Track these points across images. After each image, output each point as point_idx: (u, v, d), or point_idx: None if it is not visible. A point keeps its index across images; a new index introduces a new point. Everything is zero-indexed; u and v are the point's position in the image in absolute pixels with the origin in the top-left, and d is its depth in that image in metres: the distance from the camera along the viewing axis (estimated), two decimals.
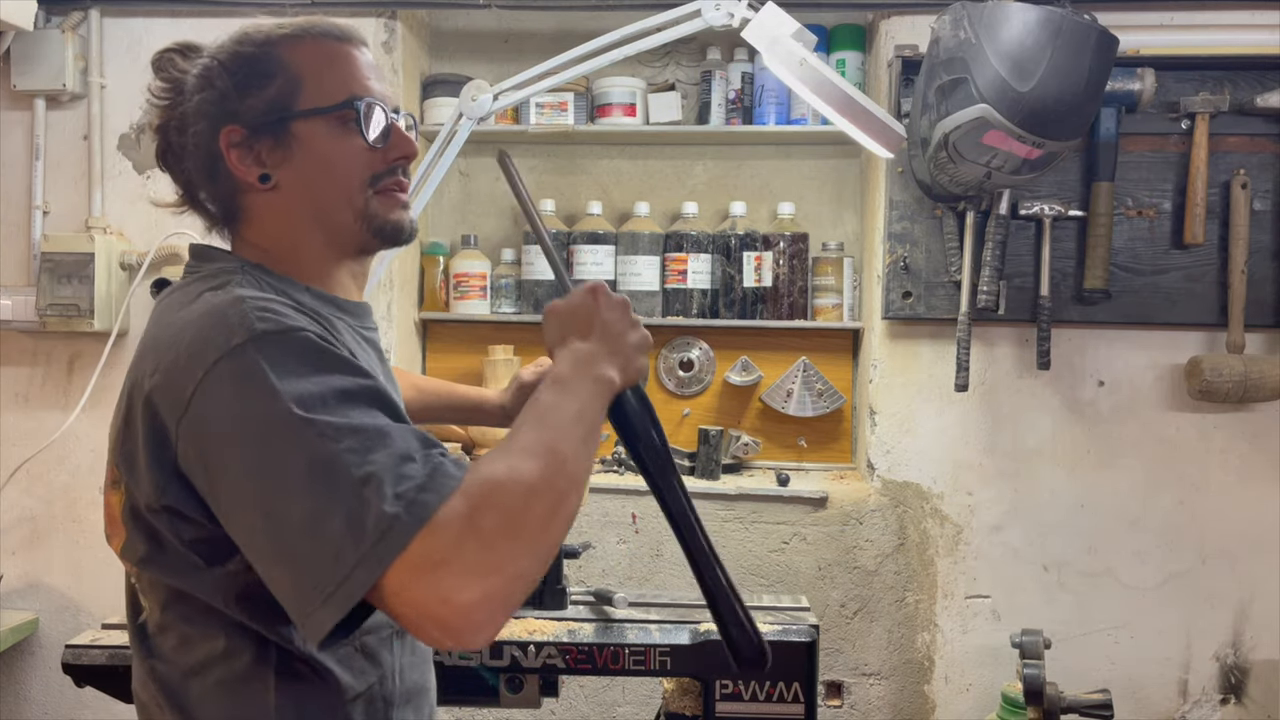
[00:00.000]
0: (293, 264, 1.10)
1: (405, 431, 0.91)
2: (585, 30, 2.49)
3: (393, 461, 0.86)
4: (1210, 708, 2.45)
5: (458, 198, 2.86)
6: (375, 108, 1.10)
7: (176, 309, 1.01)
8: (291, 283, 1.08)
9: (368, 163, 1.10)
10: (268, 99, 1.07)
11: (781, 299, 2.65)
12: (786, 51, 1.85)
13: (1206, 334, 2.41)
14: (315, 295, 1.09)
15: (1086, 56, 1.95)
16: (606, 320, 1.05)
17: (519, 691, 1.62)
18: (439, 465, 0.88)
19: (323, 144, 1.08)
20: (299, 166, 1.08)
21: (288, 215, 1.09)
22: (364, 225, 1.10)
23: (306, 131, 1.08)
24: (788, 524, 2.46)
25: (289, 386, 0.89)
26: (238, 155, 1.07)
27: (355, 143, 1.09)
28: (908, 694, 2.48)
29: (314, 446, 0.86)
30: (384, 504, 0.84)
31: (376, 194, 1.10)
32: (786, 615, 1.68)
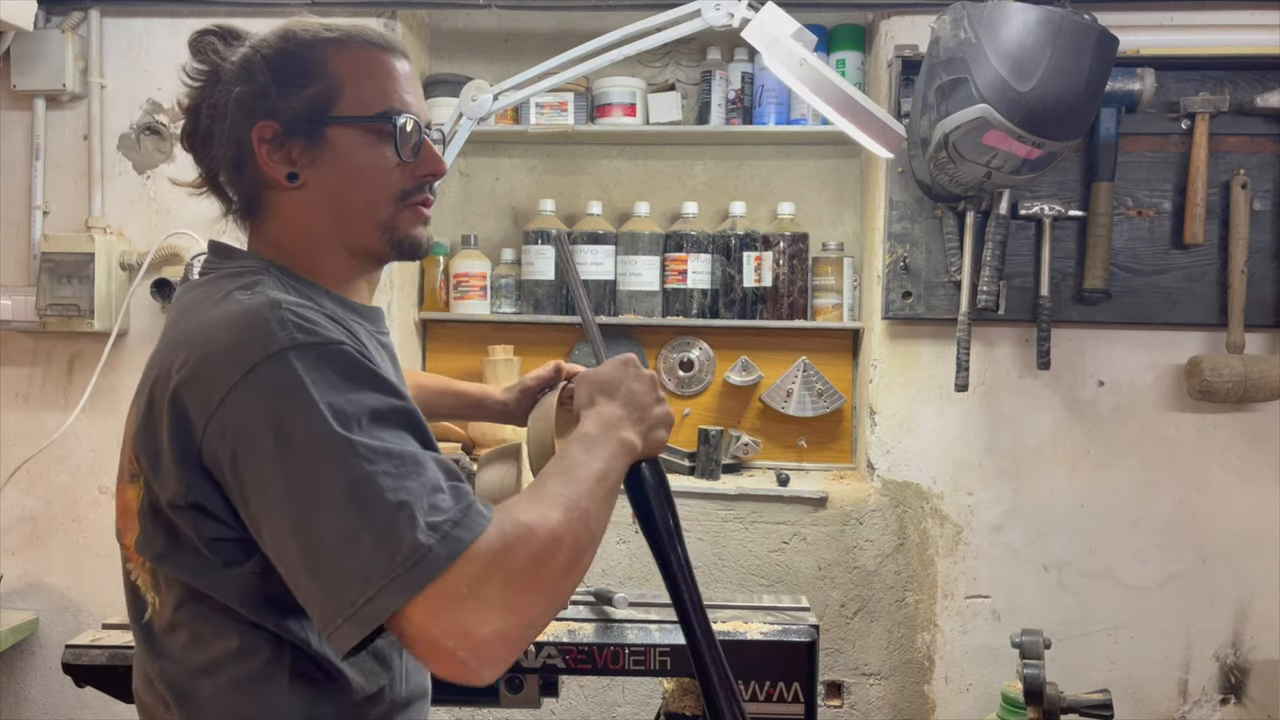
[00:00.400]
0: (311, 266, 1.11)
1: (435, 460, 0.93)
2: (585, 30, 2.49)
3: (425, 491, 0.89)
4: (1210, 708, 2.45)
5: (458, 198, 2.86)
6: (411, 123, 1.10)
7: (207, 306, 1.01)
8: (314, 286, 1.09)
9: (397, 177, 1.10)
10: (306, 99, 1.07)
11: (781, 299, 2.65)
12: (786, 51, 1.85)
13: (1206, 334, 2.41)
14: (335, 300, 1.10)
15: (1086, 56, 1.95)
16: (634, 390, 1.11)
17: (519, 691, 1.62)
18: (471, 504, 0.90)
19: (355, 152, 1.08)
20: (328, 170, 1.08)
21: (310, 216, 1.10)
22: (385, 237, 1.11)
23: (341, 137, 1.08)
24: (788, 524, 2.46)
25: (328, 400, 0.91)
26: (268, 151, 1.07)
27: (387, 155, 1.09)
28: (908, 694, 2.48)
29: (351, 465, 0.88)
30: (417, 533, 0.86)
31: (405, 207, 1.11)
32: (786, 615, 1.68)
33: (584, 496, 0.97)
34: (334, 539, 0.87)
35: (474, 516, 0.89)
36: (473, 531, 0.88)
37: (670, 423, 1.14)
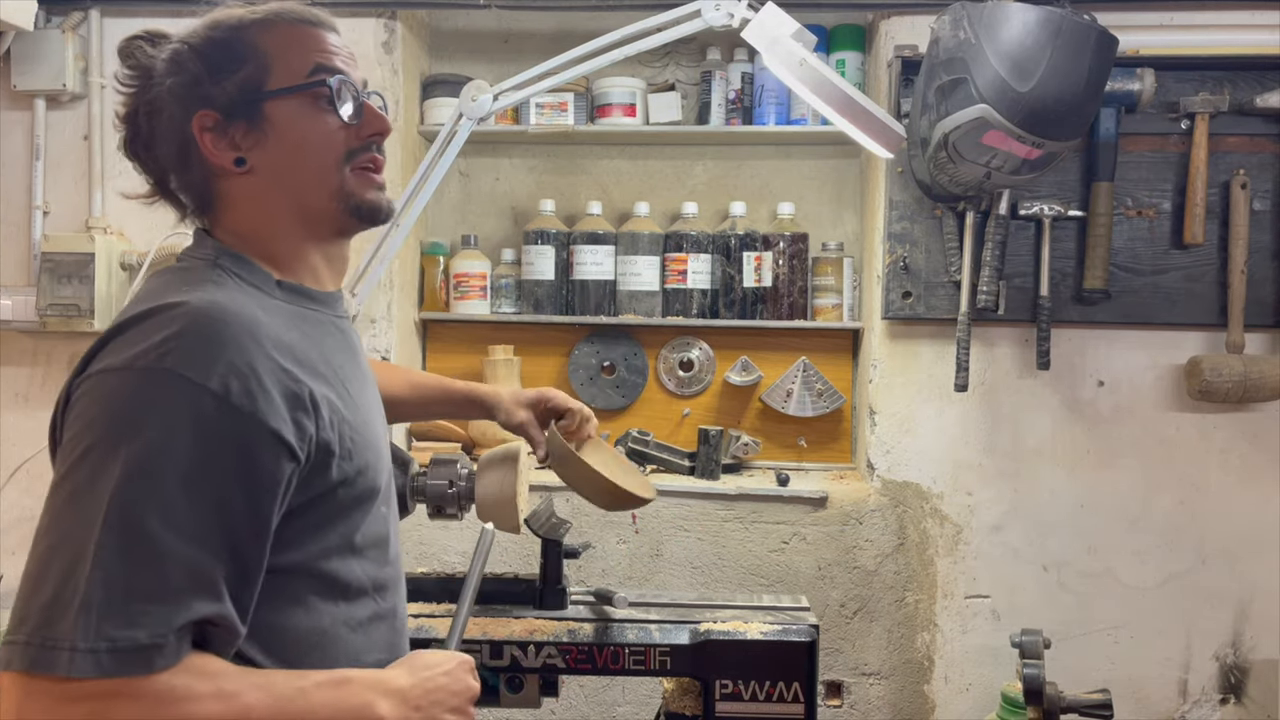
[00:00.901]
0: (268, 250, 1.09)
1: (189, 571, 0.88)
2: (585, 30, 2.49)
3: (129, 597, 0.86)
4: (1210, 708, 2.45)
5: (458, 198, 2.86)
6: (345, 84, 1.10)
7: (141, 300, 1.02)
8: (266, 277, 1.08)
9: (342, 139, 1.10)
10: (239, 82, 1.06)
11: (781, 299, 2.65)
12: (786, 51, 1.85)
13: (1206, 334, 2.41)
14: (288, 290, 1.09)
15: (1086, 56, 1.95)
16: (436, 681, 1.05)
17: (519, 691, 1.62)
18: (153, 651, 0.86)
19: (296, 123, 1.08)
20: (273, 148, 1.07)
21: (263, 199, 1.09)
22: (340, 205, 1.10)
23: (279, 112, 1.07)
24: (788, 524, 2.46)
25: (142, 441, 0.89)
26: (211, 139, 1.06)
27: (328, 120, 1.09)
28: (907, 694, 2.48)
29: (105, 510, 0.87)
30: (80, 626, 0.84)
31: (352, 171, 1.10)
32: (786, 615, 1.68)
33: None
34: (38, 569, 0.87)
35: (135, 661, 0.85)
36: (108, 672, 0.84)
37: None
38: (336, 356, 1.09)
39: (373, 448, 1.09)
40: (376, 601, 1.10)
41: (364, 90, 1.13)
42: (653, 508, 2.47)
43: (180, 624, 0.88)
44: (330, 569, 1.04)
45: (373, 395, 1.18)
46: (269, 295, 1.06)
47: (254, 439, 0.93)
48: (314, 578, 1.03)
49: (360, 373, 1.16)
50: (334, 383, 1.05)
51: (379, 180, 1.14)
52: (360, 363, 1.18)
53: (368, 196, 1.12)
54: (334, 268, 1.17)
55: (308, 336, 1.05)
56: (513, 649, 1.59)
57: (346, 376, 1.09)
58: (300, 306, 1.09)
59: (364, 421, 1.08)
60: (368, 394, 1.15)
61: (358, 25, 2.55)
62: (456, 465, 1.61)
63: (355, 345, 1.18)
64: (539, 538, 1.68)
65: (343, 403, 1.04)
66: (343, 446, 1.02)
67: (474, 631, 1.60)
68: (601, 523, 2.48)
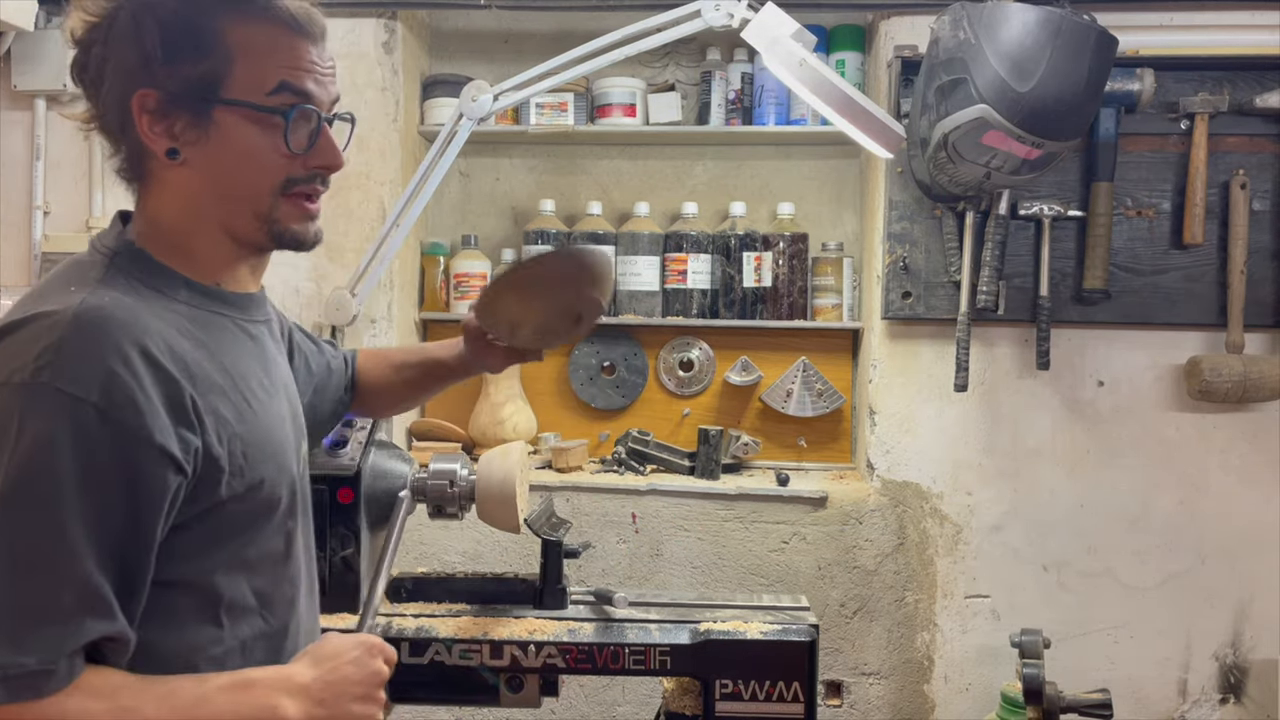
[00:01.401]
0: (184, 247, 1.04)
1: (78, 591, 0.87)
2: (585, 30, 2.50)
3: (17, 622, 0.85)
4: (1210, 707, 2.45)
5: (458, 198, 2.86)
6: (305, 115, 1.04)
7: (28, 296, 0.98)
8: (172, 276, 1.02)
9: (284, 166, 1.04)
10: (195, 74, 0.99)
11: (781, 299, 2.65)
12: (786, 52, 1.85)
13: (1206, 334, 2.41)
14: (196, 291, 1.04)
15: (1086, 57, 1.95)
16: (341, 673, 1.03)
17: (519, 691, 1.62)
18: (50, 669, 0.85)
19: (242, 137, 1.01)
20: (212, 152, 1.01)
21: (190, 195, 1.03)
22: (264, 228, 1.05)
23: (227, 120, 1.01)
24: (788, 524, 2.47)
25: (21, 460, 0.87)
26: (149, 122, 1.00)
27: (276, 144, 1.03)
28: (907, 694, 2.48)
29: None
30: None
31: (286, 198, 1.05)
32: (786, 615, 1.68)
33: None
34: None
35: (38, 684, 0.85)
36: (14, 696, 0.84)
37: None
38: (241, 364, 1.04)
39: (274, 460, 1.04)
40: (265, 620, 1.06)
41: (331, 112, 1.07)
42: (653, 508, 2.47)
43: (72, 647, 0.86)
44: (214, 585, 1.00)
45: (283, 405, 1.12)
46: (169, 298, 1.01)
47: (138, 451, 0.90)
48: (195, 594, 0.99)
49: (271, 381, 1.10)
50: (231, 393, 1.00)
51: (313, 210, 1.08)
52: (273, 370, 1.12)
53: (294, 227, 1.06)
54: (256, 270, 1.13)
55: (206, 344, 1.00)
56: (513, 649, 1.59)
57: (250, 386, 1.04)
58: (207, 310, 1.04)
59: (264, 433, 1.03)
60: (276, 404, 1.09)
61: (358, 25, 2.55)
62: (456, 465, 1.61)
63: (268, 352, 1.12)
64: (539, 538, 1.68)
65: (237, 415, 1.00)
66: (233, 462, 0.98)
67: (474, 631, 1.60)
68: (601, 523, 2.48)
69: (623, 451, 2.60)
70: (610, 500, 2.48)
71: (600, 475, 2.55)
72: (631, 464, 2.57)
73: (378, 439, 1.87)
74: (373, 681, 1.05)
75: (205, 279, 1.05)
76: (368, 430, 1.84)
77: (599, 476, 2.54)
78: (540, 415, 2.74)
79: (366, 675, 1.04)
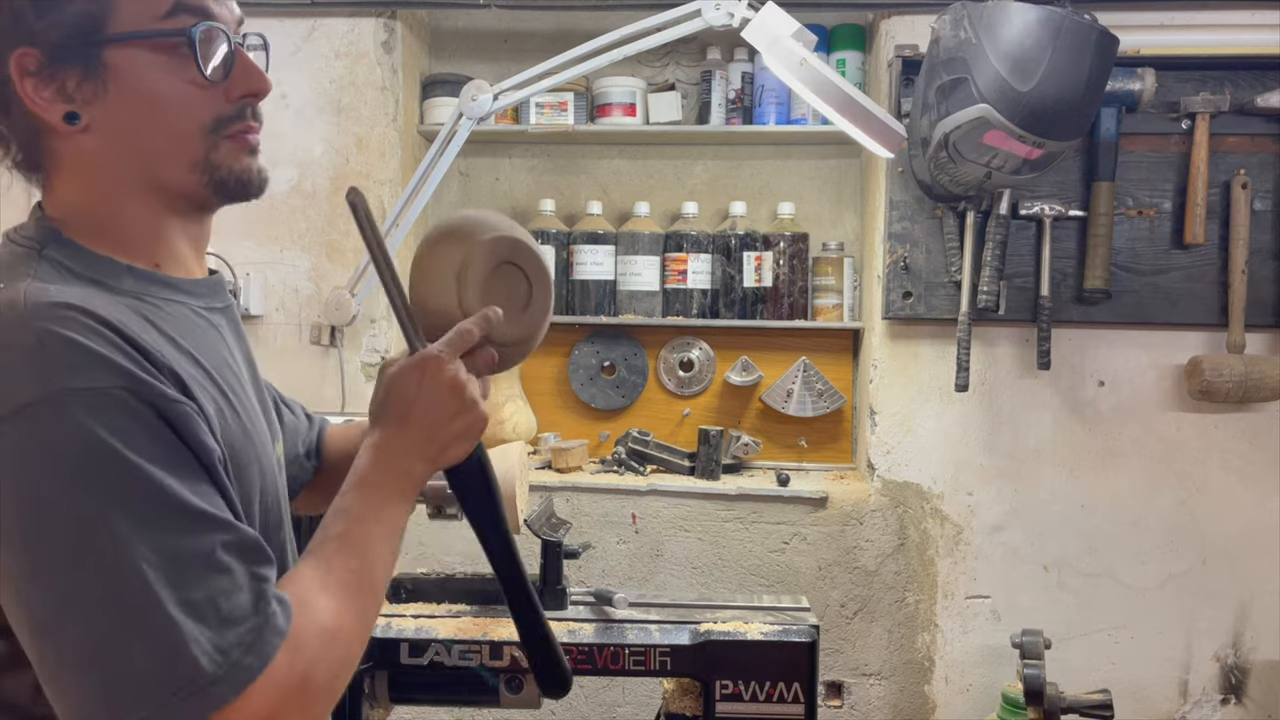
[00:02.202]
0: (112, 228, 0.90)
1: (232, 545, 0.78)
2: (585, 30, 2.49)
3: (216, 595, 0.76)
4: (1210, 708, 2.45)
5: (457, 198, 2.86)
6: (215, 32, 0.88)
7: None
8: (110, 264, 0.88)
9: (207, 102, 0.89)
10: (74, 16, 0.85)
11: (781, 299, 2.65)
12: (786, 51, 1.85)
13: (1207, 334, 2.41)
14: (141, 277, 0.89)
15: (1087, 56, 1.95)
16: (426, 404, 0.94)
17: (519, 692, 1.62)
18: (269, 616, 0.78)
19: (146, 78, 0.87)
20: (116, 105, 0.87)
21: (105, 166, 0.89)
22: (204, 178, 0.90)
23: (124, 61, 0.86)
24: (788, 524, 2.46)
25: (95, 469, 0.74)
26: (34, 87, 0.85)
27: (189, 77, 0.88)
28: (908, 694, 2.48)
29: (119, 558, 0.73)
30: (200, 655, 0.73)
31: (223, 139, 0.91)
32: (786, 615, 1.68)
33: (375, 571, 0.89)
34: (93, 644, 0.73)
35: (269, 635, 0.77)
36: (264, 657, 0.76)
37: (474, 432, 0.97)
38: (210, 354, 0.91)
39: (259, 464, 0.93)
40: None
41: (240, 34, 0.93)
42: (653, 508, 2.47)
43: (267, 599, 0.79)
44: None
45: (255, 398, 0.99)
46: (112, 290, 0.86)
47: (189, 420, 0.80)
48: None
49: (242, 371, 0.98)
50: (208, 385, 0.88)
51: (253, 141, 0.93)
52: (238, 361, 0.98)
53: (237, 167, 0.92)
54: (198, 249, 0.98)
55: (168, 334, 0.87)
56: (513, 649, 1.59)
57: (226, 379, 0.92)
58: (160, 299, 0.90)
59: (245, 433, 0.91)
60: (249, 399, 0.96)
61: (357, 25, 2.54)
62: None
63: (231, 341, 0.98)
64: (539, 538, 1.68)
65: (217, 410, 0.87)
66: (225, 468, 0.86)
67: (474, 632, 1.60)
68: (601, 523, 2.48)
69: (623, 452, 2.59)
70: (610, 500, 2.48)
71: (600, 475, 2.55)
72: (631, 464, 2.57)
73: None
74: (456, 391, 0.95)
75: (145, 263, 0.91)
76: None
77: (599, 477, 2.53)
78: (540, 415, 2.74)
79: (446, 392, 0.94)
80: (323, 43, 2.55)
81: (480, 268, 1.04)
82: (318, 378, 2.56)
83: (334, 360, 2.55)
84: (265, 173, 0.95)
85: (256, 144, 0.94)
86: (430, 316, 1.03)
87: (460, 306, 1.03)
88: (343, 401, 2.54)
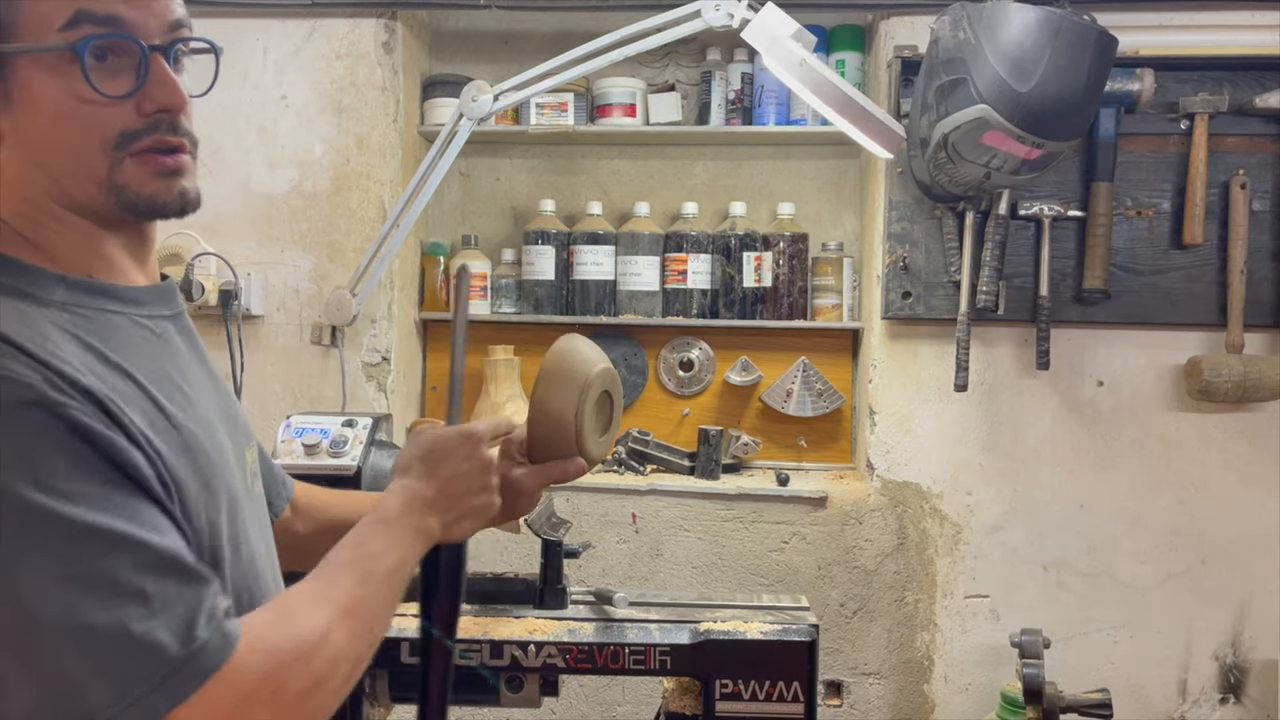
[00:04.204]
0: (38, 241, 0.86)
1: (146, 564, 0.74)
2: (585, 31, 2.50)
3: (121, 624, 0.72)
4: (1209, 707, 2.45)
5: (458, 198, 2.86)
6: (116, 44, 0.83)
7: None
8: (39, 273, 0.84)
9: (110, 117, 0.84)
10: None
11: (781, 299, 2.66)
12: (786, 52, 1.85)
13: (1206, 334, 2.41)
14: (74, 287, 0.85)
15: (1086, 57, 1.95)
16: (459, 473, 1.01)
17: (519, 691, 1.62)
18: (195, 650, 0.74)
19: (43, 91, 0.82)
20: (22, 118, 0.83)
21: (19, 178, 0.85)
22: (111, 198, 0.86)
23: (25, 73, 0.82)
24: (788, 524, 2.47)
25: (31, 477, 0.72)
26: None
27: (80, 90, 0.83)
28: (907, 693, 2.48)
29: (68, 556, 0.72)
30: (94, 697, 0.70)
31: (131, 157, 0.85)
32: (786, 615, 1.69)
33: (377, 600, 0.89)
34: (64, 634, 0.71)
35: (194, 670, 0.73)
36: (180, 695, 0.72)
37: (486, 515, 1.03)
38: (146, 366, 0.86)
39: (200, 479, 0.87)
40: None
41: (170, 39, 0.86)
42: (653, 508, 2.48)
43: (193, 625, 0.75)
44: None
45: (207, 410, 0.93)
46: (41, 303, 0.82)
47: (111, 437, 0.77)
48: None
49: (189, 383, 0.92)
50: (138, 400, 0.83)
51: (169, 164, 0.87)
52: (190, 371, 0.93)
53: (145, 191, 0.86)
54: (138, 254, 0.93)
55: (96, 348, 0.82)
56: (513, 649, 1.59)
57: (165, 391, 0.87)
58: (93, 309, 0.85)
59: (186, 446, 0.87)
60: (197, 411, 0.91)
61: (358, 25, 2.55)
62: None
63: (178, 350, 0.93)
64: (539, 538, 1.68)
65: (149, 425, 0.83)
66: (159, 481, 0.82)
67: (474, 631, 1.60)
68: (601, 523, 2.48)
69: (623, 451, 2.60)
70: (610, 500, 2.48)
71: (600, 475, 2.55)
72: (631, 464, 2.57)
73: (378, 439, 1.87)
74: (486, 471, 1.02)
75: (77, 273, 0.87)
76: (368, 430, 1.85)
77: (599, 476, 2.54)
78: None
79: (478, 468, 1.02)
80: (323, 43, 2.56)
81: (597, 390, 1.21)
82: (318, 378, 2.56)
83: (334, 360, 2.55)
84: (191, 193, 0.89)
85: (174, 166, 0.87)
86: (547, 419, 1.18)
87: (575, 418, 1.18)
88: (343, 401, 2.54)
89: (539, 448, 1.19)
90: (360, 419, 1.87)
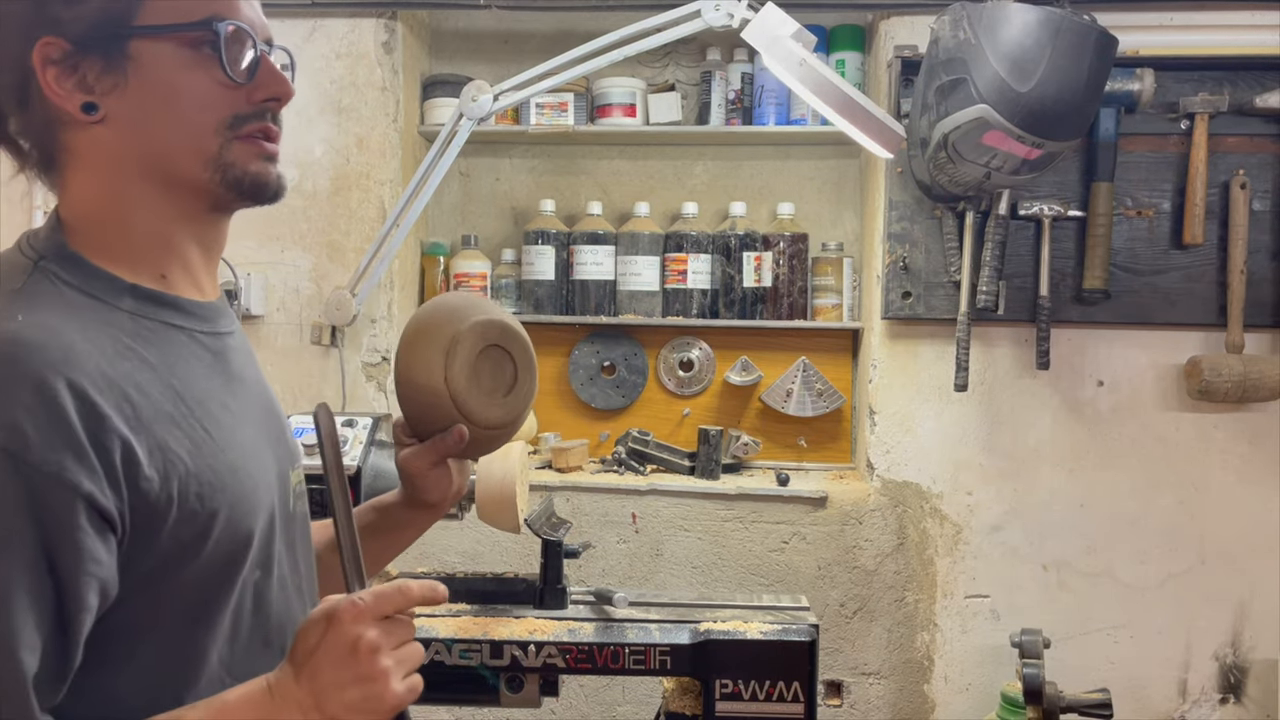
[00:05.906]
0: (122, 235, 0.89)
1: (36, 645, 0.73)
2: (585, 30, 2.50)
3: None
4: (1209, 707, 2.45)
5: (458, 198, 2.86)
6: (244, 34, 0.90)
7: None
8: (110, 281, 0.87)
9: (227, 101, 0.89)
10: (101, 6, 0.85)
11: (781, 299, 2.66)
12: (786, 52, 1.85)
13: (1206, 334, 2.41)
14: (143, 297, 0.88)
15: (1086, 57, 1.95)
16: (320, 662, 0.82)
17: (519, 691, 1.62)
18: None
19: (168, 72, 0.87)
20: (134, 97, 0.86)
21: (117, 159, 0.88)
22: (217, 176, 0.89)
23: (149, 54, 0.86)
24: (788, 524, 2.47)
25: None
26: (56, 76, 0.85)
27: (212, 74, 0.88)
28: (907, 693, 2.48)
29: None
30: None
31: (238, 139, 0.90)
32: (786, 615, 1.69)
33: None
34: None
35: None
36: None
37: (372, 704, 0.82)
38: (198, 386, 0.88)
39: (239, 497, 0.87)
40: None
41: (266, 44, 0.94)
42: (653, 508, 2.47)
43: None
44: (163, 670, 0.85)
45: (255, 430, 0.94)
46: (110, 306, 0.85)
47: (60, 502, 0.75)
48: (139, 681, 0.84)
49: (238, 404, 0.93)
50: (184, 422, 0.84)
51: (270, 150, 0.93)
52: (241, 391, 0.94)
53: (252, 169, 0.91)
54: (210, 258, 0.96)
55: (151, 363, 0.85)
56: (513, 649, 1.59)
57: (210, 411, 0.88)
58: (157, 320, 0.88)
59: (227, 468, 0.87)
60: (245, 432, 0.92)
61: (358, 25, 2.55)
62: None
63: (233, 369, 0.95)
64: (539, 538, 1.68)
65: (193, 447, 0.84)
66: (183, 506, 0.82)
67: (474, 631, 1.60)
68: (601, 522, 2.48)
69: (623, 451, 2.60)
70: (610, 500, 2.48)
71: (600, 475, 2.55)
72: (631, 464, 2.57)
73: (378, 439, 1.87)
74: (354, 659, 0.82)
75: (150, 271, 0.90)
76: (368, 430, 1.85)
77: (599, 476, 2.54)
78: (540, 415, 2.74)
79: (343, 655, 0.82)
80: (323, 43, 2.56)
81: (469, 348, 1.07)
82: (318, 378, 2.56)
83: (334, 360, 2.55)
84: (284, 180, 0.95)
85: (273, 152, 0.93)
86: (414, 391, 1.06)
87: (445, 383, 1.05)
88: (343, 401, 2.54)
89: (415, 423, 1.09)
90: (360, 419, 1.87)
